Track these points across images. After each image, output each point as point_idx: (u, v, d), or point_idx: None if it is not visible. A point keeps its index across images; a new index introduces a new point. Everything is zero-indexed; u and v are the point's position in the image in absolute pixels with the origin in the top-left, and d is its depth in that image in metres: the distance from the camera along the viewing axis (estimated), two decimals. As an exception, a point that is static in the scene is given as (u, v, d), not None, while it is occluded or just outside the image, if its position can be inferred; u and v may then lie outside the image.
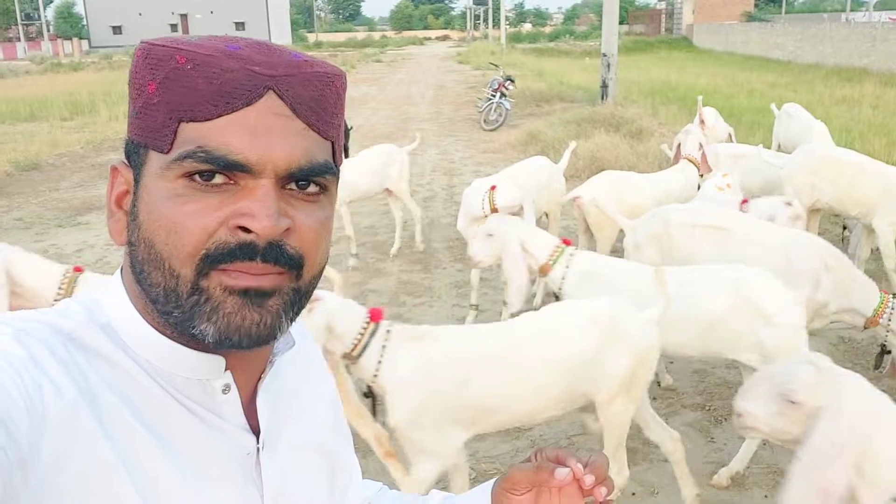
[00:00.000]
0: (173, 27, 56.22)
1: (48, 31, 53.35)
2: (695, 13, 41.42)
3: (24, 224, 7.72)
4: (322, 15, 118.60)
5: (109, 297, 0.72)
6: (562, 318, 2.67)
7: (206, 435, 0.71)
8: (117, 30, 56.06)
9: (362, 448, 2.61)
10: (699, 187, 4.74)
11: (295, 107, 0.67)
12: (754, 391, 1.95)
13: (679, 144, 5.36)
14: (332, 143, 0.71)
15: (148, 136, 0.66)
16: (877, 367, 3.71)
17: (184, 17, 56.55)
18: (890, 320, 3.32)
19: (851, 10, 34.41)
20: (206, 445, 0.71)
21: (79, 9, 64.45)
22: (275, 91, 0.65)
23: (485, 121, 13.24)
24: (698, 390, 3.92)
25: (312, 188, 0.69)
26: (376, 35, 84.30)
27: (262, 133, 0.65)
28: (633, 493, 3.09)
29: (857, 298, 3.34)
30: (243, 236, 0.64)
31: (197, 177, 0.64)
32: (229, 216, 0.64)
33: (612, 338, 2.59)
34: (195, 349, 0.70)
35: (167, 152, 0.65)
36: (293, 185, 0.67)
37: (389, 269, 6.05)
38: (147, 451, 0.66)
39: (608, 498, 0.80)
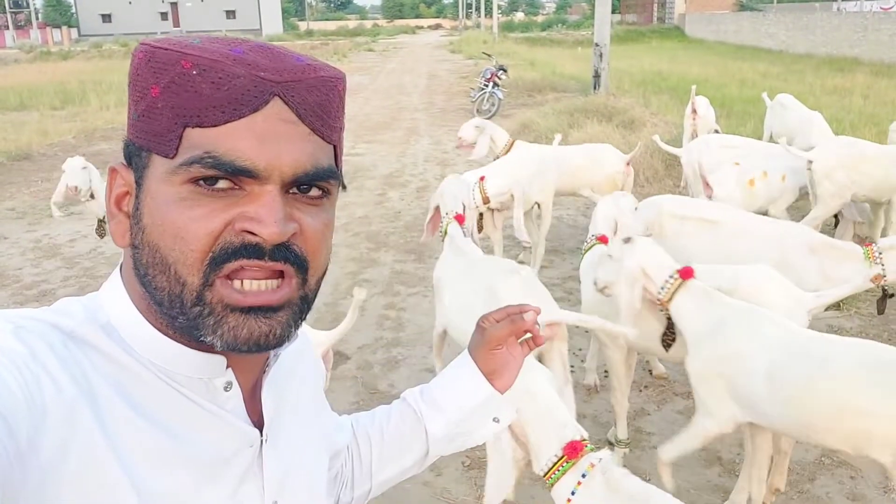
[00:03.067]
0: (163, 16, 55.72)
1: (37, 19, 52.82)
2: (686, 2, 41.33)
3: (17, 214, 7.69)
4: (313, 3, 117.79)
5: (109, 295, 0.72)
6: None
7: (210, 426, 0.72)
8: (107, 18, 55.55)
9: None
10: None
11: (300, 112, 0.67)
12: None
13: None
14: (335, 146, 0.72)
15: (151, 140, 0.66)
16: (880, 311, 3.59)
17: (174, 5, 56.05)
18: (881, 254, 3.16)
19: (842, 0, 34.41)
20: (210, 436, 0.71)
21: (68, -3, 63.93)
22: (281, 97, 0.65)
23: (477, 110, 13.21)
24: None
25: (315, 192, 0.69)
26: (368, 24, 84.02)
27: (270, 139, 0.65)
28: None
29: (846, 267, 3.28)
30: (249, 238, 0.65)
31: (202, 182, 0.64)
32: (235, 218, 0.65)
33: None
34: (196, 349, 0.70)
35: (172, 157, 0.65)
36: (296, 189, 0.68)
37: (383, 260, 6.07)
38: (147, 445, 0.66)
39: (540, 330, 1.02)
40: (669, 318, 2.79)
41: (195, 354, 0.70)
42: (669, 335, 2.89)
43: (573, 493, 1.87)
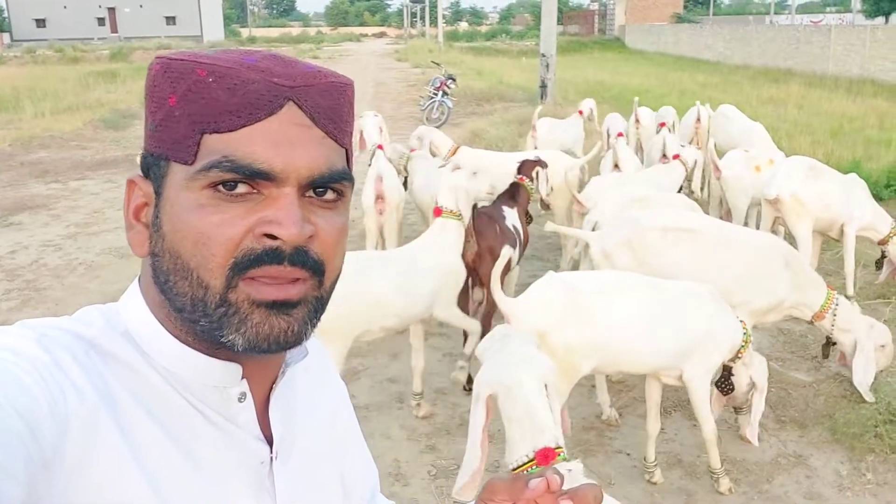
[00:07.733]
0: (100, 21, 54.27)
1: (-34, 23, 50.90)
2: (626, 14, 42.32)
3: (-48, 226, 7.39)
4: (255, 10, 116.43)
5: (128, 305, 0.73)
6: None
7: (221, 442, 0.72)
8: (41, 23, 53.80)
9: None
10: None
11: (314, 116, 0.69)
12: None
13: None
14: (346, 150, 0.73)
15: (170, 148, 0.67)
16: (825, 356, 3.93)
17: (111, 10, 54.63)
18: (835, 315, 3.51)
19: (775, 13, 35.66)
20: (221, 453, 0.72)
21: (-2, 0, 61.75)
22: (294, 102, 0.67)
23: (427, 119, 13.24)
24: (647, 383, 4.04)
25: (330, 195, 0.70)
26: (311, 31, 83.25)
27: (285, 143, 0.66)
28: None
29: (809, 294, 3.52)
30: (269, 243, 0.65)
31: (221, 187, 0.65)
32: (255, 225, 0.65)
33: None
34: (213, 357, 0.71)
35: (191, 164, 0.66)
36: (311, 193, 0.69)
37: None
38: (166, 455, 0.67)
39: None
40: None
41: (212, 362, 0.71)
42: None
43: None
